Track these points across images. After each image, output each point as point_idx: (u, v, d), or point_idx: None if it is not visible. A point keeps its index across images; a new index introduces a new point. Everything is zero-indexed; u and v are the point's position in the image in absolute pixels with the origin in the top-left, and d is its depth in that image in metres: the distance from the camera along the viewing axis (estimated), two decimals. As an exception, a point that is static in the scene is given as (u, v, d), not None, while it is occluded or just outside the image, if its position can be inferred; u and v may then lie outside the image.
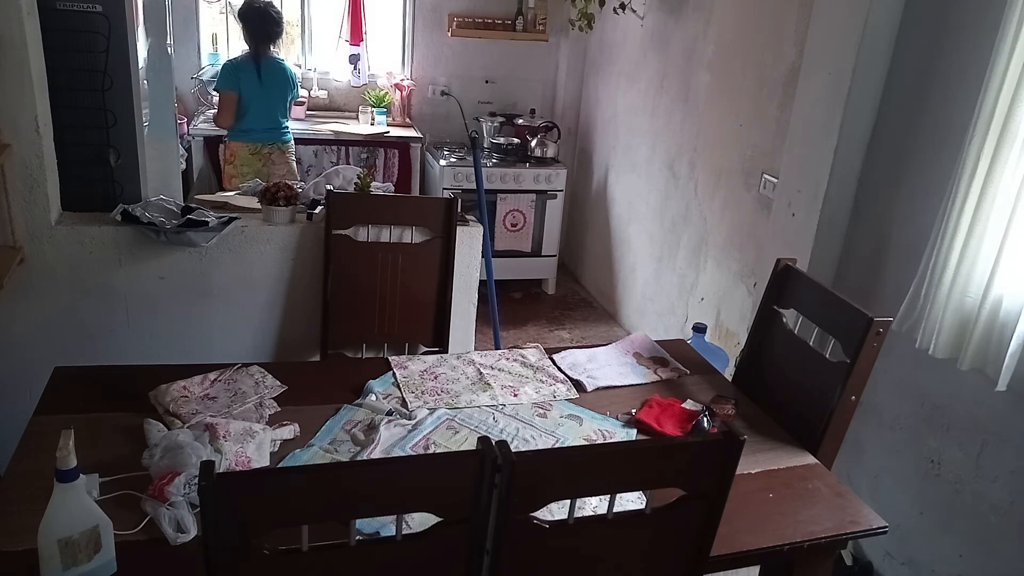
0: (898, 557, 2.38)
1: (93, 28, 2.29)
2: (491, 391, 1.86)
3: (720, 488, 1.24)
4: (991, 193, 1.91)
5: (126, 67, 2.38)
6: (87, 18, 2.28)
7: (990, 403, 2.04)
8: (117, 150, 2.42)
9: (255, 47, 3.67)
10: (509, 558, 1.18)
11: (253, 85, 3.65)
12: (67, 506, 1.15)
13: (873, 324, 1.71)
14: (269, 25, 3.67)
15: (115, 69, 2.35)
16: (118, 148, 2.42)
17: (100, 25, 2.29)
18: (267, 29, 3.67)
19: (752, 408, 1.93)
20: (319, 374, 2.07)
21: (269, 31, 3.67)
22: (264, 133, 3.76)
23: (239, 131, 3.70)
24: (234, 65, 3.67)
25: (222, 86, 3.65)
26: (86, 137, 2.36)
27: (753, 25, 3.07)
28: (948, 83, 2.17)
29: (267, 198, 2.39)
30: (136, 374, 1.81)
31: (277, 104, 3.78)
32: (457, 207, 2.41)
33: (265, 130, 3.75)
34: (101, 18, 2.29)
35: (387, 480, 1.12)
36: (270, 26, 3.67)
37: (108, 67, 2.34)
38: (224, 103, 3.64)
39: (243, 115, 3.67)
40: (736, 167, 3.16)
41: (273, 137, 3.80)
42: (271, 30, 3.68)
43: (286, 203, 2.40)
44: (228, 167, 3.76)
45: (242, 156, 3.72)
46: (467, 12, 4.77)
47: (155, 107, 2.81)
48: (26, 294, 2.23)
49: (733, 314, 3.19)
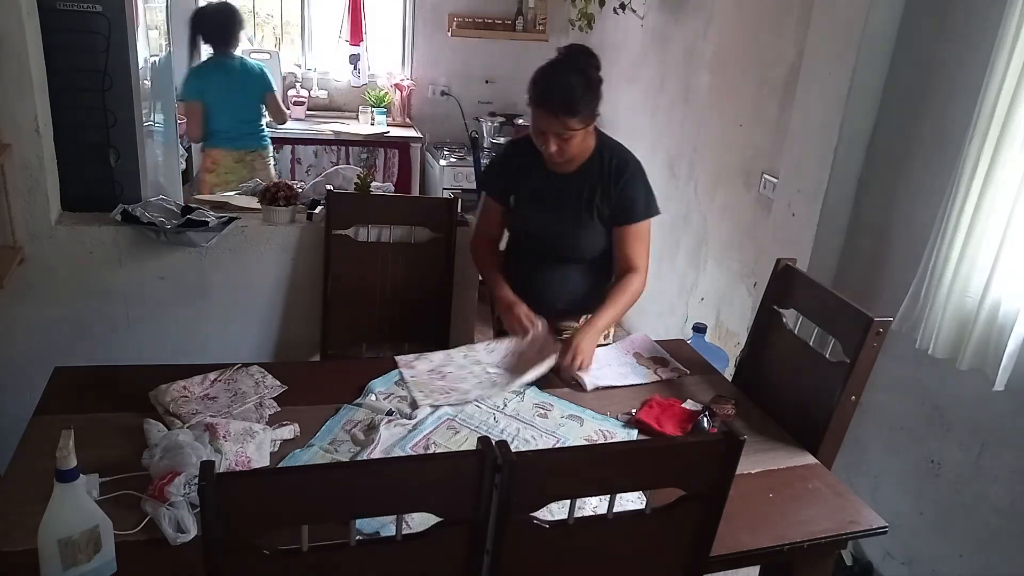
0: (898, 557, 2.38)
1: (93, 28, 2.29)
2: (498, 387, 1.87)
3: (720, 488, 1.24)
4: (991, 193, 1.91)
5: (126, 67, 2.37)
6: (87, 18, 2.28)
7: (990, 403, 2.04)
8: (117, 150, 2.42)
9: (214, 50, 3.53)
10: (509, 558, 1.17)
11: (220, 90, 3.52)
12: (67, 506, 1.15)
13: (873, 324, 1.71)
14: (224, 26, 3.52)
15: (115, 69, 2.35)
16: (118, 148, 2.42)
17: (100, 25, 2.29)
18: (223, 31, 3.52)
19: (752, 408, 1.93)
20: (319, 374, 2.07)
21: (225, 33, 3.53)
22: (245, 139, 3.64)
23: (219, 138, 3.58)
24: (195, 73, 3.52)
25: (184, 96, 3.50)
26: (86, 137, 2.36)
27: (753, 25, 3.07)
28: (948, 83, 2.17)
29: (267, 198, 2.39)
30: (136, 374, 1.81)
31: (250, 104, 3.66)
32: (457, 207, 2.41)
33: (244, 135, 3.64)
34: (101, 18, 2.29)
35: (387, 480, 1.12)
36: (225, 27, 3.52)
37: (108, 67, 2.34)
38: (189, 114, 3.50)
39: (217, 121, 3.54)
40: (736, 167, 3.16)
41: (253, 143, 3.68)
42: (227, 31, 3.53)
43: (286, 203, 2.40)
44: (209, 175, 3.62)
45: (226, 164, 3.61)
46: (467, 12, 4.78)
47: (155, 107, 2.80)
48: (26, 294, 2.23)
49: (733, 314, 3.19)
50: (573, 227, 2.05)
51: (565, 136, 1.91)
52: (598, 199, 2.03)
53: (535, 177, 2.07)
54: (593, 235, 2.06)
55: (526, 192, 2.09)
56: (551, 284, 2.12)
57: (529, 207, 2.09)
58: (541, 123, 1.92)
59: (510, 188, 2.11)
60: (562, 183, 2.05)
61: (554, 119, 1.89)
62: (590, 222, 2.05)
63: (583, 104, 1.89)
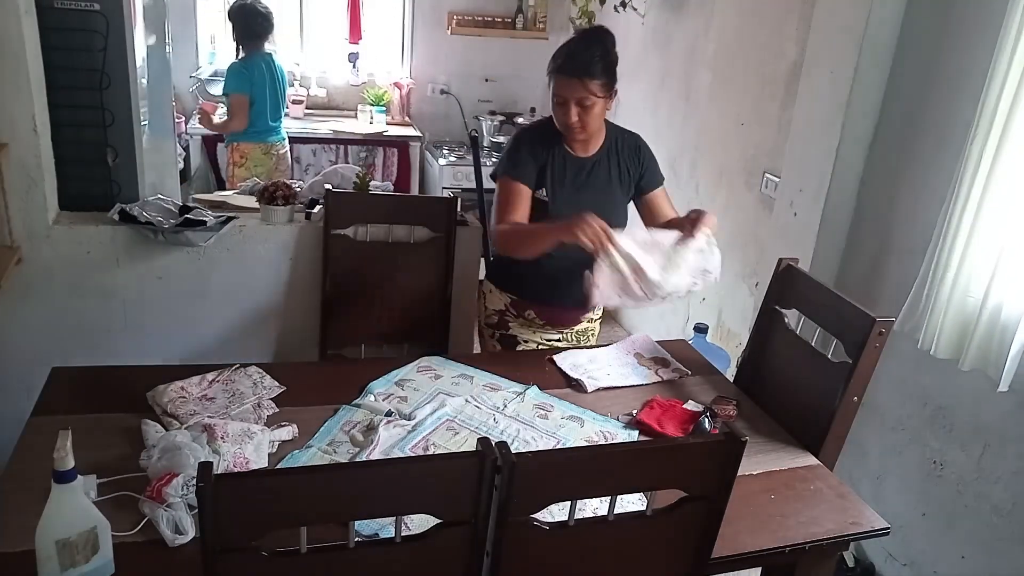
0: (900, 558, 2.37)
1: (91, 27, 2.28)
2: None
3: (721, 489, 1.24)
4: (993, 193, 1.91)
5: (124, 66, 2.37)
6: (85, 17, 2.27)
7: (992, 404, 2.03)
8: (115, 149, 2.41)
9: (254, 45, 3.67)
10: (509, 560, 1.17)
11: (262, 84, 3.66)
12: (65, 507, 1.14)
13: (875, 324, 1.70)
14: (264, 21, 3.67)
15: (113, 68, 2.34)
16: (116, 147, 2.41)
17: (98, 24, 2.28)
18: (264, 25, 3.67)
19: (754, 409, 1.92)
20: (318, 375, 2.06)
21: (266, 27, 3.68)
22: (273, 132, 3.79)
23: (253, 132, 3.70)
24: (243, 66, 3.66)
25: (235, 89, 3.63)
26: (84, 136, 2.35)
27: (755, 23, 3.06)
28: (950, 82, 2.17)
29: (265, 197, 2.38)
30: (134, 374, 1.81)
31: (280, 101, 3.81)
32: (457, 207, 2.40)
33: (273, 129, 3.79)
34: (99, 17, 2.28)
35: (386, 481, 1.11)
36: (265, 22, 3.67)
37: (106, 66, 2.33)
38: (239, 107, 3.63)
39: (257, 116, 3.68)
40: (738, 166, 3.15)
41: (279, 134, 3.84)
42: (267, 26, 3.68)
43: (284, 202, 2.39)
44: (239, 169, 3.74)
45: (255, 156, 3.73)
46: (467, 10, 4.77)
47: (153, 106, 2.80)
48: (24, 294, 2.22)
49: (734, 314, 3.18)
50: (612, 206, 2.06)
51: (588, 103, 1.92)
52: (625, 174, 2.09)
53: (559, 163, 2.05)
54: (625, 212, 2.12)
55: (556, 178, 2.05)
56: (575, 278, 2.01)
57: (562, 194, 2.05)
58: (563, 90, 1.93)
59: (539, 174, 2.06)
60: (588, 165, 2.07)
61: (577, 83, 1.90)
62: (623, 199, 2.11)
63: (604, 69, 1.93)
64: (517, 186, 2.02)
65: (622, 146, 2.11)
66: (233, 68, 3.69)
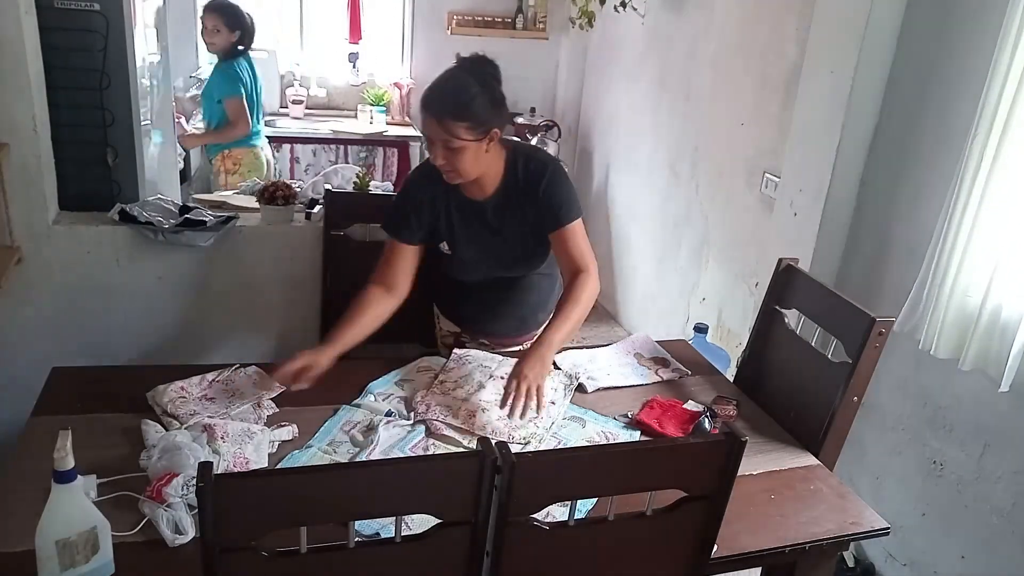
0: (900, 558, 2.37)
1: (91, 27, 2.28)
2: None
3: (721, 489, 1.23)
4: (993, 192, 1.91)
5: (124, 66, 2.36)
6: (85, 17, 2.27)
7: (992, 404, 2.03)
8: (115, 149, 2.41)
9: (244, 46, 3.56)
10: (509, 560, 1.17)
11: (250, 87, 3.58)
12: (65, 507, 1.14)
13: (875, 324, 1.70)
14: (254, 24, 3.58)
15: (113, 68, 2.34)
16: (116, 147, 2.41)
17: (98, 24, 2.28)
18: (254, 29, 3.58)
19: (754, 409, 1.92)
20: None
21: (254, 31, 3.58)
22: (259, 135, 3.72)
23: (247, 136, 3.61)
24: (237, 68, 3.54)
25: (231, 92, 3.49)
26: (84, 136, 2.35)
27: (755, 23, 3.06)
28: (950, 82, 2.17)
29: (265, 197, 2.38)
30: (134, 374, 1.81)
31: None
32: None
33: (258, 132, 3.71)
34: (99, 17, 2.28)
35: (386, 481, 1.11)
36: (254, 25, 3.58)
37: (106, 66, 2.33)
38: (241, 110, 3.51)
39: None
40: (738, 166, 3.15)
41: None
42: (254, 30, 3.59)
43: (284, 202, 2.39)
44: (232, 177, 3.60)
45: (248, 162, 3.62)
46: (467, 10, 4.76)
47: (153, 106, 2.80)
48: (24, 294, 2.22)
49: (735, 314, 3.18)
50: (520, 249, 1.90)
51: (454, 146, 1.68)
52: (526, 213, 1.85)
53: (454, 209, 1.87)
54: (540, 248, 1.91)
55: (450, 227, 1.88)
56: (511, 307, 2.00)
57: (462, 241, 1.89)
58: (428, 129, 1.71)
59: (424, 227, 1.88)
60: (486, 209, 1.86)
61: (438, 125, 1.67)
62: (531, 239, 1.89)
63: (474, 109, 1.68)
64: (394, 244, 1.89)
65: (523, 184, 1.84)
66: (225, 72, 3.51)
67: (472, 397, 1.77)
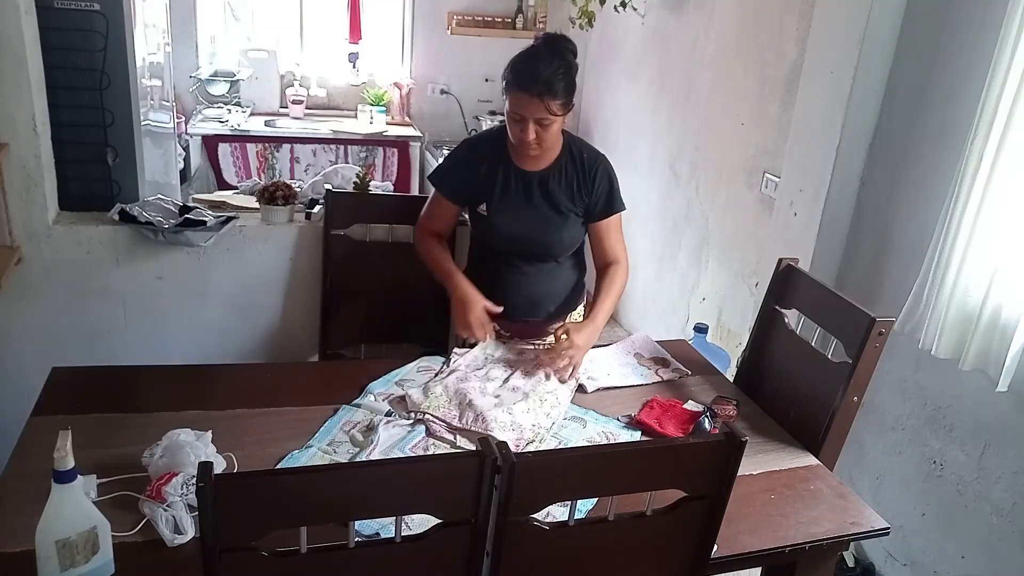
0: (900, 558, 2.37)
1: (91, 27, 2.28)
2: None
3: (721, 489, 1.23)
4: (993, 193, 1.91)
5: (124, 66, 2.36)
6: (85, 16, 2.27)
7: (992, 404, 2.03)
8: (115, 149, 2.41)
9: None
10: (509, 560, 1.17)
11: None
12: (65, 507, 1.14)
13: (875, 324, 1.70)
14: None
15: (113, 68, 2.34)
16: (116, 147, 2.41)
17: (98, 24, 2.28)
18: None
19: (754, 409, 1.92)
20: (318, 374, 2.06)
21: None
22: None
23: None
24: None
25: None
26: (84, 136, 2.35)
27: (755, 23, 3.06)
28: (950, 82, 2.16)
29: (265, 197, 2.38)
30: (134, 374, 1.81)
31: None
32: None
33: None
34: (99, 16, 2.28)
35: (386, 481, 1.11)
36: None
37: (106, 66, 2.33)
38: None
39: None
40: (738, 166, 3.15)
41: None
42: None
43: (284, 202, 2.39)
44: None
45: None
46: (467, 10, 4.76)
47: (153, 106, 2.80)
48: (24, 294, 2.22)
49: (735, 314, 3.18)
50: (556, 225, 1.99)
51: (546, 122, 1.84)
52: (575, 194, 1.98)
53: (503, 177, 1.98)
54: (573, 231, 2.02)
55: (497, 194, 1.98)
56: (536, 285, 2.06)
57: (505, 209, 1.99)
58: (522, 108, 1.83)
59: (472, 190, 2.01)
60: (535, 180, 1.98)
61: (537, 102, 1.81)
62: (571, 218, 2.00)
63: (565, 87, 1.83)
64: (442, 200, 2.07)
65: (579, 166, 1.99)
66: None
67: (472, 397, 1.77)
